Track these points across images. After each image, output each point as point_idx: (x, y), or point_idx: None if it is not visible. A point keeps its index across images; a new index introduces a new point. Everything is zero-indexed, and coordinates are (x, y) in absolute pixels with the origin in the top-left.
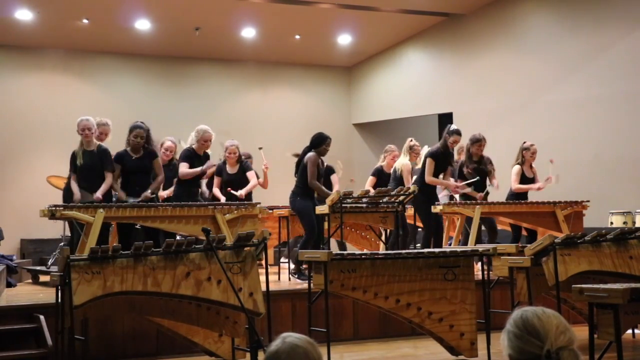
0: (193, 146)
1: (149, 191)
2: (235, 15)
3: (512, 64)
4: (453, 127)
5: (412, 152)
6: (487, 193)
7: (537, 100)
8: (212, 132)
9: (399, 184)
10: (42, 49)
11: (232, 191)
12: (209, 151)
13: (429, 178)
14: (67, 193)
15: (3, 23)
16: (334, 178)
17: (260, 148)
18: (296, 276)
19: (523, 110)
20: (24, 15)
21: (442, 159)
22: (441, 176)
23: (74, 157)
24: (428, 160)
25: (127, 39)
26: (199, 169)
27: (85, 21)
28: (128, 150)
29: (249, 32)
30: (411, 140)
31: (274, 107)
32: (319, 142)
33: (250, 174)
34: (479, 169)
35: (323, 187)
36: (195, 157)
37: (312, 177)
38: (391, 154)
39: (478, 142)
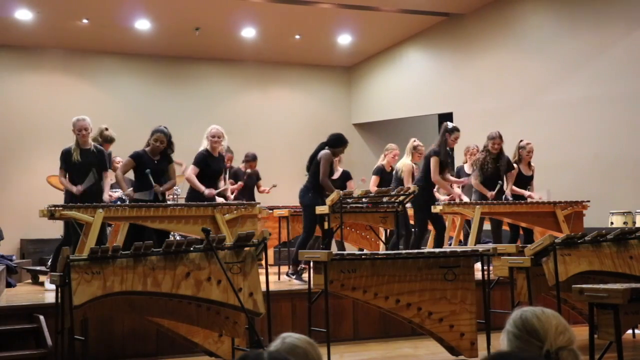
0: (207, 148)
1: (162, 188)
2: (235, 15)
3: (512, 64)
4: (451, 125)
5: (416, 152)
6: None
7: (537, 100)
8: (220, 128)
9: (400, 184)
10: (42, 49)
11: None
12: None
13: (436, 177)
14: (70, 193)
15: (3, 23)
16: (350, 184)
17: (274, 186)
18: (294, 277)
19: (523, 110)
20: (24, 15)
21: (444, 158)
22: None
23: (68, 154)
24: (433, 159)
25: (127, 39)
26: (202, 188)
27: (85, 21)
28: (147, 151)
29: (249, 32)
30: (415, 141)
31: (274, 107)
32: (338, 143)
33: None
34: (497, 167)
35: (333, 187)
36: (210, 159)
37: (324, 175)
38: (391, 152)
39: (492, 139)
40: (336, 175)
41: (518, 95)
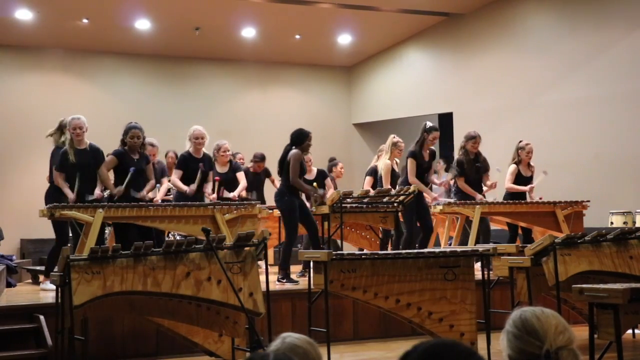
0: (190, 150)
1: (145, 192)
2: (235, 15)
3: (512, 64)
4: (429, 124)
5: (395, 148)
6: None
7: (537, 100)
8: (202, 129)
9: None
10: (42, 49)
11: (226, 191)
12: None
13: (412, 179)
14: (54, 192)
15: (3, 23)
16: (327, 182)
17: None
18: (284, 280)
19: (523, 110)
20: (24, 15)
21: (421, 158)
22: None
23: (65, 155)
24: (409, 160)
25: (127, 39)
26: (184, 188)
27: (85, 21)
28: (126, 149)
29: (249, 32)
30: (394, 137)
31: (274, 107)
32: (301, 139)
33: (240, 175)
34: (476, 167)
35: (305, 185)
36: (191, 161)
37: (294, 174)
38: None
39: (473, 139)
40: (312, 177)
41: (518, 95)
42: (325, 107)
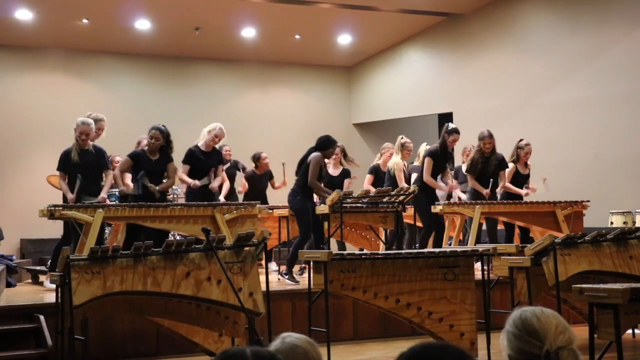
0: (199, 144)
1: (157, 188)
2: (235, 15)
3: (512, 64)
4: (452, 126)
5: (404, 149)
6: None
7: (537, 100)
8: (225, 131)
9: (392, 183)
10: (42, 49)
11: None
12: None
13: (427, 178)
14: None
15: (3, 23)
16: (346, 182)
17: (283, 163)
18: (286, 277)
19: (523, 110)
20: (24, 15)
21: (441, 159)
22: (439, 177)
23: (67, 156)
24: (427, 159)
25: (127, 39)
26: (188, 181)
27: (85, 21)
28: (145, 150)
29: (249, 32)
30: (402, 138)
31: (274, 107)
32: (327, 145)
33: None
34: (490, 165)
35: (323, 187)
36: (198, 154)
37: (313, 177)
38: (388, 151)
39: (482, 139)
40: (336, 173)
41: (518, 95)
42: (325, 107)
